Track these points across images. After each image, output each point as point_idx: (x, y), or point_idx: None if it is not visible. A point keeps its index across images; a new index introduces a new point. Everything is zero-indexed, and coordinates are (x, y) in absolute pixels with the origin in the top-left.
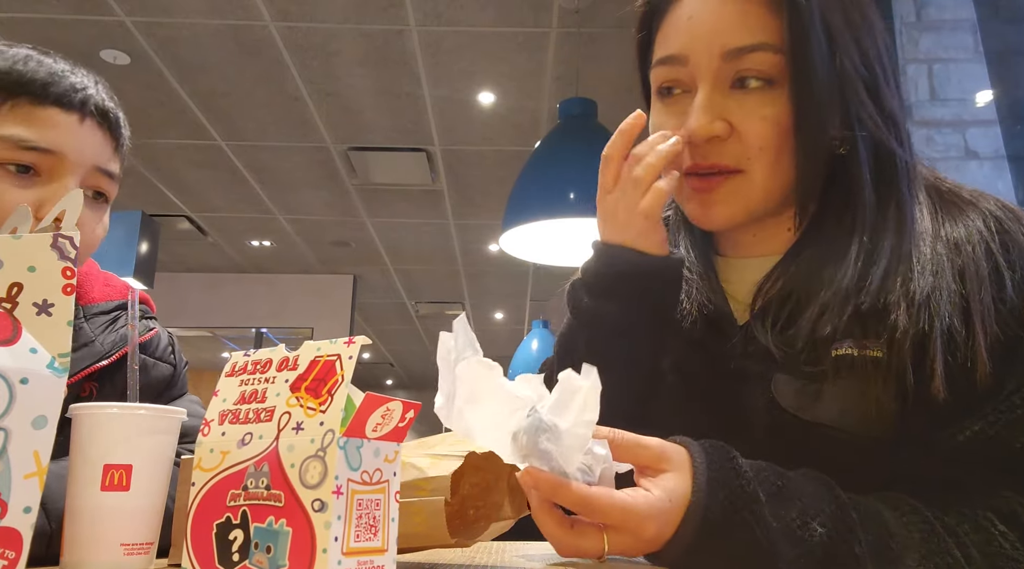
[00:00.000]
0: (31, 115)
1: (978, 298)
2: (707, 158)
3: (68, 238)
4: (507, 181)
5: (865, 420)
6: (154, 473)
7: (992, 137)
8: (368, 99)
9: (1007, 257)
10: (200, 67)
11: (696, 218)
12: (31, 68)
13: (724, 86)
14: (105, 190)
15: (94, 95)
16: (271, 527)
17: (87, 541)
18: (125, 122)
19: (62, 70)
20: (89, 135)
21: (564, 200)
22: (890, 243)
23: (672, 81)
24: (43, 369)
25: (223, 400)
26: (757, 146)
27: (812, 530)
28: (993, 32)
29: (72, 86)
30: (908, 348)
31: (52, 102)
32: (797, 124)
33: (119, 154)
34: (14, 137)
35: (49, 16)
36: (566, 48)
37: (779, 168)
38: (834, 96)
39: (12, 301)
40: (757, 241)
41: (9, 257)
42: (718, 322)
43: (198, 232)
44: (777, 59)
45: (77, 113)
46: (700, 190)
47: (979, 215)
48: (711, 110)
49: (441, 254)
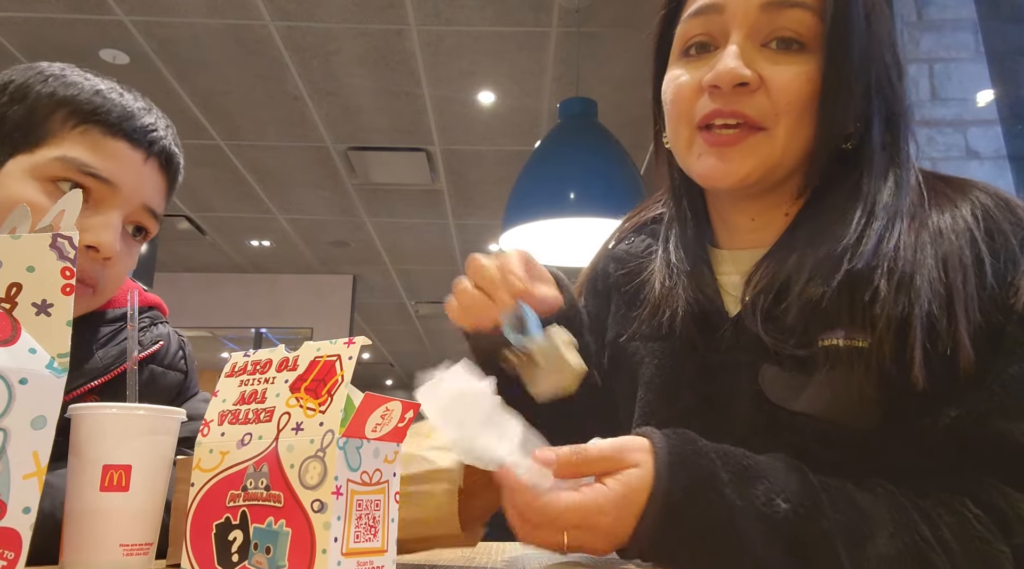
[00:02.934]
0: (99, 143)
1: (960, 287)
2: (730, 105)
3: (67, 238)
4: (507, 181)
5: (851, 411)
6: (153, 474)
7: (993, 137)
8: (368, 99)
9: (990, 245)
10: (200, 67)
11: (710, 174)
12: (111, 99)
13: (757, 42)
14: (147, 227)
15: (163, 138)
16: (270, 527)
17: (86, 542)
18: (182, 167)
19: (139, 108)
20: (148, 175)
21: (564, 200)
22: (885, 216)
23: (703, 34)
24: (42, 369)
25: (223, 400)
26: (785, 101)
27: (776, 506)
28: (994, 32)
29: (145, 126)
30: (891, 336)
31: (123, 136)
32: (825, 88)
33: (169, 197)
34: (77, 160)
35: (48, 16)
36: (566, 48)
37: (800, 131)
38: (864, 69)
39: (11, 301)
40: (755, 227)
41: (8, 257)
42: (708, 316)
43: (198, 232)
44: (814, 21)
45: (143, 151)
46: (719, 144)
47: (967, 204)
48: (743, 57)
49: (441, 254)
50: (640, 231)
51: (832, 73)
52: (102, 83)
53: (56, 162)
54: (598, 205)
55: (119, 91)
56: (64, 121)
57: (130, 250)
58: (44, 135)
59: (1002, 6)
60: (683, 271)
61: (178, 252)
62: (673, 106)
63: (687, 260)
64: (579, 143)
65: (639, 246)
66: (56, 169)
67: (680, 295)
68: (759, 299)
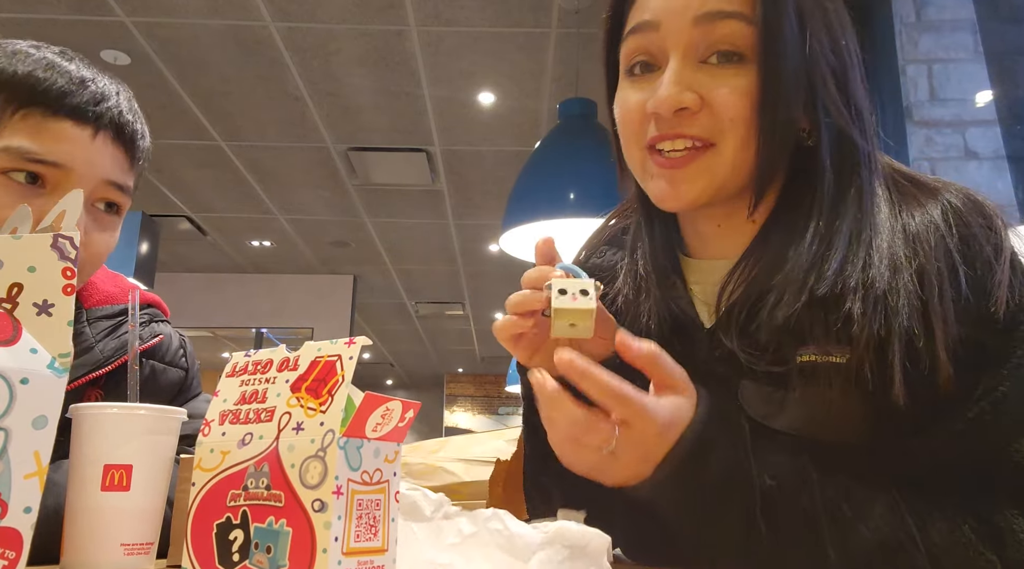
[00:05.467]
0: (41, 127)
1: (936, 302)
2: (673, 129)
3: (68, 238)
4: (507, 181)
5: (831, 427)
6: (154, 473)
7: (992, 137)
8: (368, 99)
9: (964, 253)
10: (200, 67)
11: (662, 197)
12: (49, 77)
13: (694, 59)
14: (117, 201)
15: (112, 108)
16: (271, 527)
17: (87, 541)
18: (145, 133)
19: (82, 78)
20: (101, 149)
21: (564, 200)
22: (848, 229)
23: (643, 52)
24: (43, 369)
25: (223, 400)
26: (728, 118)
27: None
28: (993, 32)
29: (91, 98)
30: (869, 353)
31: (65, 114)
32: (762, 100)
33: (135, 168)
34: (21, 148)
35: (49, 16)
36: (566, 48)
37: (748, 144)
38: (801, 75)
39: (12, 301)
40: (722, 234)
41: (9, 257)
42: (684, 328)
43: (198, 232)
44: (749, 31)
45: (91, 126)
46: (668, 167)
47: (938, 208)
48: (681, 81)
49: (441, 254)
50: (611, 243)
51: (767, 84)
52: (43, 58)
53: (1, 154)
54: (598, 205)
55: (60, 66)
56: (3, 109)
57: (104, 227)
58: None
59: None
60: (652, 282)
61: (178, 252)
62: (623, 128)
63: (656, 270)
64: (579, 143)
65: (610, 260)
66: (2, 161)
67: (650, 306)
68: (733, 313)
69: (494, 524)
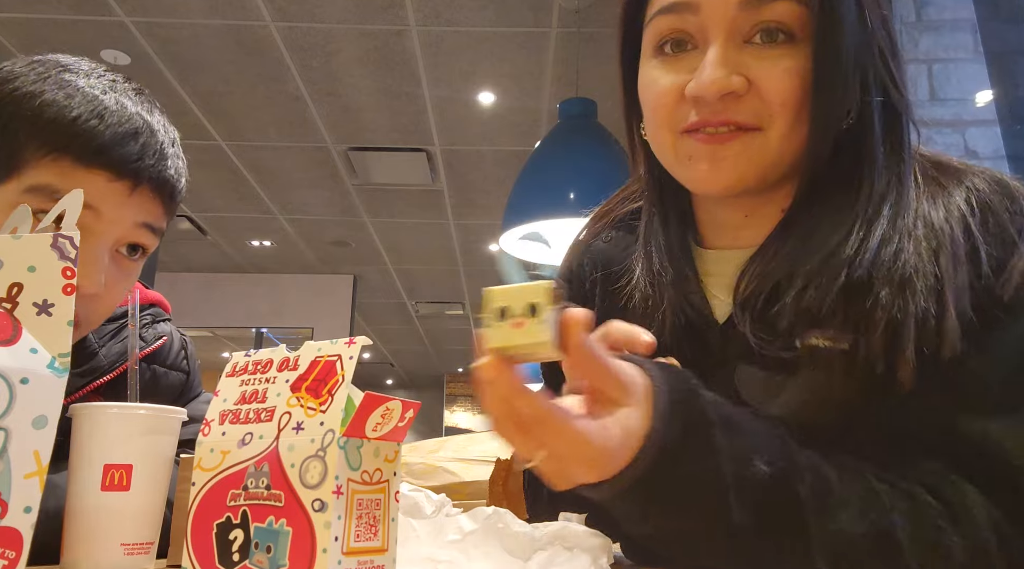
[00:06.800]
0: (71, 172)
1: (952, 281)
2: (718, 115)
3: (68, 238)
4: (507, 181)
5: (824, 413)
6: (154, 473)
7: (992, 137)
8: (368, 99)
9: (985, 234)
10: (200, 67)
11: (701, 179)
12: (92, 127)
13: (739, 40)
14: (144, 245)
15: (152, 166)
16: (271, 527)
17: (87, 541)
18: (183, 174)
19: (125, 132)
20: (137, 202)
21: (564, 200)
22: (889, 213)
23: (678, 31)
24: (43, 369)
25: (223, 400)
26: (779, 102)
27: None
28: (993, 32)
29: (132, 155)
30: (881, 338)
31: (99, 167)
32: (818, 82)
33: (170, 214)
34: (49, 187)
35: (49, 16)
36: (566, 48)
37: (797, 129)
38: (859, 54)
39: (12, 301)
40: (748, 224)
41: (9, 257)
42: (695, 327)
43: (198, 232)
44: (800, 11)
45: (129, 181)
46: (710, 143)
47: (963, 191)
48: (727, 63)
49: (441, 254)
50: (618, 227)
51: (824, 65)
52: (94, 102)
53: (27, 194)
54: (598, 204)
55: (111, 111)
56: (36, 149)
57: (127, 274)
58: (18, 164)
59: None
60: (667, 280)
61: (179, 252)
62: (654, 113)
63: (671, 266)
64: (579, 143)
65: (619, 244)
66: (29, 201)
67: (665, 307)
68: (750, 302)
69: (495, 522)
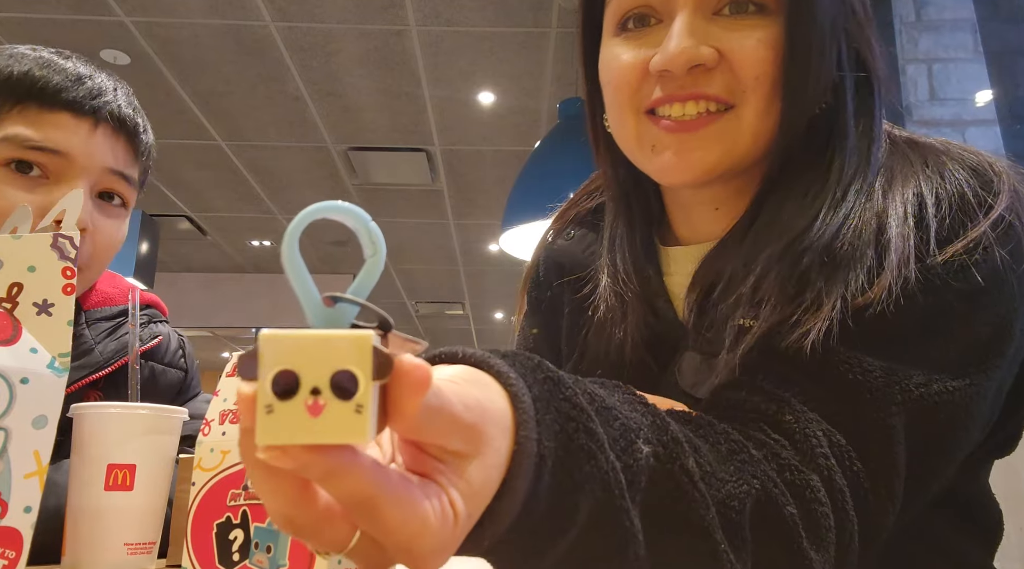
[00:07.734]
0: (38, 118)
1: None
2: (686, 88)
3: (68, 238)
4: (507, 181)
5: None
6: (157, 473)
7: (992, 137)
8: (368, 99)
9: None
10: (200, 67)
11: (667, 169)
12: (46, 74)
13: (707, 11)
14: (121, 193)
15: (110, 102)
16: (271, 527)
17: (90, 540)
18: (147, 128)
19: (79, 75)
20: (101, 141)
21: (564, 200)
22: (856, 192)
23: (641, 5)
24: (43, 369)
25: (223, 400)
26: (752, 75)
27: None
28: (993, 32)
29: (88, 92)
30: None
31: (62, 107)
32: (791, 53)
33: (139, 160)
34: (19, 136)
35: (49, 16)
36: (566, 48)
37: (772, 107)
38: (835, 24)
39: (12, 301)
40: (718, 217)
41: (9, 257)
42: (662, 334)
43: (198, 232)
44: None
45: (89, 119)
46: (676, 130)
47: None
48: (695, 33)
49: (441, 254)
50: (581, 222)
51: (799, 35)
52: (40, 57)
53: (2, 143)
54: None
55: (56, 63)
56: (2, 104)
57: (111, 220)
58: None
59: (1001, 6)
60: (631, 293)
61: (178, 252)
62: (616, 93)
63: (636, 277)
64: (579, 143)
65: (581, 241)
66: (3, 151)
67: (629, 318)
68: (700, 296)
69: None
